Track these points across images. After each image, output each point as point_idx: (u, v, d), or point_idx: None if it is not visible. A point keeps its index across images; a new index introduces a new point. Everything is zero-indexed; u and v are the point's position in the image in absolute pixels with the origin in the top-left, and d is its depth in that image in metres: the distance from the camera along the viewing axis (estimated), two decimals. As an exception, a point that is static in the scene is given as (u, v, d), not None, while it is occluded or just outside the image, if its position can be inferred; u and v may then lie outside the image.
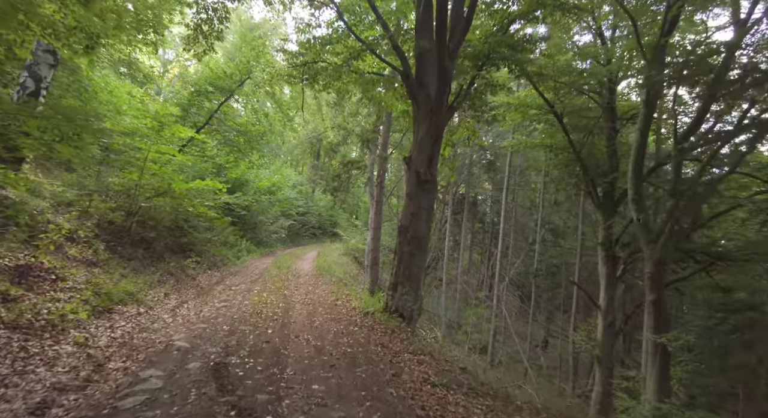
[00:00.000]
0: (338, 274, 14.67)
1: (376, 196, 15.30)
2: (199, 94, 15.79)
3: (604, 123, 15.27)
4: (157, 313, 6.68)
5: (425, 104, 7.96)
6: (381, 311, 7.84)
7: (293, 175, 29.08)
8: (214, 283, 10.10)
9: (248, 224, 19.10)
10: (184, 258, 11.53)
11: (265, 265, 14.50)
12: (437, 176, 8.04)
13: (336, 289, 10.74)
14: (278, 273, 12.62)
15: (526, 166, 23.29)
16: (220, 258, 13.73)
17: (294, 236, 26.03)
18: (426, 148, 7.90)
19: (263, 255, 17.79)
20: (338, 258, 21.57)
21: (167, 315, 6.66)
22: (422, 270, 7.93)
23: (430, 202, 8.05)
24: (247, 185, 19.44)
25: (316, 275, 13.19)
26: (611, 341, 14.10)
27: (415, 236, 7.74)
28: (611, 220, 14.51)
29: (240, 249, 16.25)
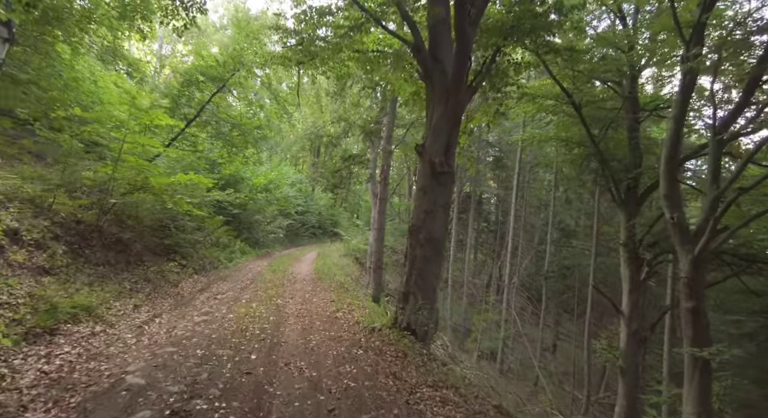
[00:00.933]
0: (339, 277, 13.41)
1: (380, 193, 14.05)
2: (190, 84, 14.52)
3: (625, 114, 13.99)
4: (118, 331, 5.42)
5: (441, 83, 6.70)
6: (389, 326, 6.59)
7: (292, 173, 27.81)
8: (198, 290, 8.84)
9: (243, 223, 17.84)
10: (167, 261, 10.28)
11: (259, 268, 13.24)
12: (455, 167, 6.78)
13: (336, 296, 9.47)
14: (273, 278, 11.36)
15: (535, 162, 22.05)
16: (209, 261, 12.47)
17: (293, 236, 24.75)
18: (442, 135, 6.64)
19: (259, 257, 16.52)
20: (339, 259, 20.30)
21: (130, 334, 5.40)
22: (438, 278, 6.68)
23: (447, 198, 6.79)
24: (243, 183, 18.19)
25: (314, 279, 11.93)
26: (636, 351, 12.82)
27: (429, 237, 6.49)
28: (634, 219, 13.26)
29: (233, 250, 14.99)
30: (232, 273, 11.80)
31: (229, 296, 8.36)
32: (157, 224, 11.09)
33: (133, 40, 33.52)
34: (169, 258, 10.51)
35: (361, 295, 11.64)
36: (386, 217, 36.85)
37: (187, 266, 10.68)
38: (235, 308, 7.31)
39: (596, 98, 14.67)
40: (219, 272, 11.75)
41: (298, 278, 11.81)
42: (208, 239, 14.12)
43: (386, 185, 14.13)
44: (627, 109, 13.60)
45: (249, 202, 18.26)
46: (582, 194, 22.31)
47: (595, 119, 14.77)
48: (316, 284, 10.99)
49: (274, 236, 20.31)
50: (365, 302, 10.17)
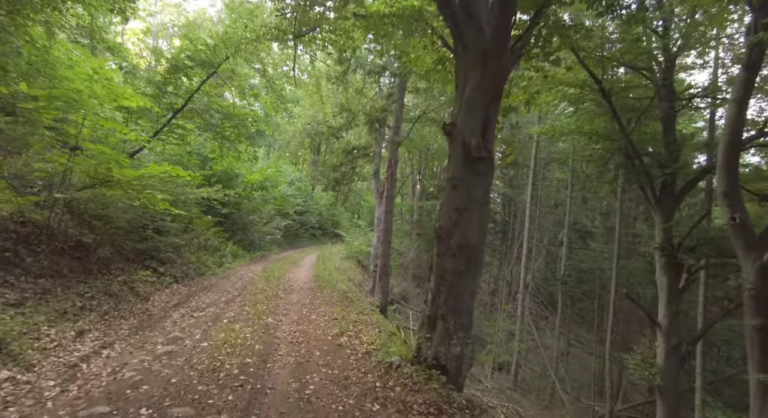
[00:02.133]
0: (341, 284, 11.79)
1: (387, 190, 12.44)
2: (177, 70, 12.87)
3: (658, 103, 12.37)
4: (36, 377, 3.80)
5: (476, 44, 5.09)
6: (410, 359, 4.98)
7: (291, 171, 26.17)
8: (172, 305, 7.20)
9: (237, 224, 16.22)
10: (142, 269, 8.66)
11: (251, 274, 11.62)
12: (494, 152, 5.17)
13: (340, 311, 7.84)
14: (266, 287, 9.73)
15: (549, 159, 20.46)
16: (195, 267, 10.85)
17: (291, 237, 23.11)
18: (477, 110, 5.03)
19: (253, 261, 14.89)
20: (340, 263, 18.67)
21: (53, 381, 3.78)
22: (474, 296, 5.07)
23: (486, 192, 5.18)
24: (237, 180, 16.57)
25: (313, 288, 10.30)
26: (677, 368, 11.20)
27: (463, 244, 4.88)
28: (671, 219, 11.68)
29: (223, 254, 13.36)
30: (219, 281, 10.17)
31: (209, 314, 6.73)
32: (132, 225, 9.48)
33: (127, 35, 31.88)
34: (145, 265, 8.89)
35: (366, 306, 10.02)
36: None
37: (165, 274, 9.05)
38: (213, 332, 5.69)
39: (629, 85, 13.11)
40: (204, 279, 10.13)
41: (295, 287, 10.18)
42: (195, 241, 12.50)
43: (393, 182, 12.53)
44: (660, 98, 12.01)
45: (243, 201, 16.65)
46: (598, 193, 20.71)
47: (624, 110, 13.23)
48: (316, 295, 9.37)
49: (270, 237, 18.69)
50: (373, 317, 8.55)
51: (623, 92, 12.54)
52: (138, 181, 7.32)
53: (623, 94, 12.63)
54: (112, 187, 7.31)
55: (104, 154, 6.98)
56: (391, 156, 12.30)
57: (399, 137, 11.67)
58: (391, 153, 12.16)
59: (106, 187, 7.26)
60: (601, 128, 13.73)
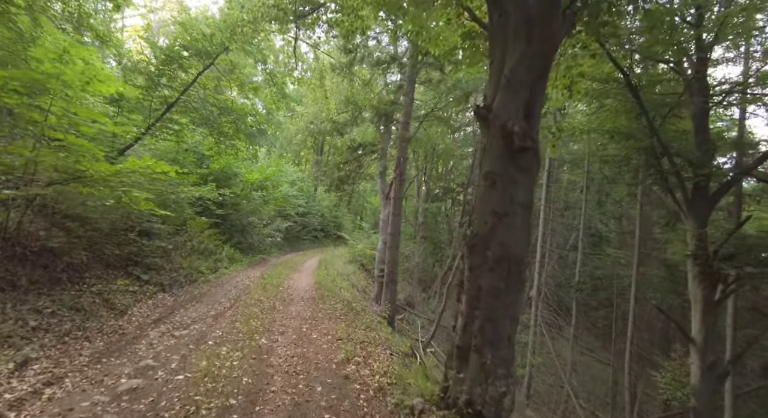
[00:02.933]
0: (345, 293, 10.77)
1: (395, 191, 11.41)
2: (171, 61, 11.88)
3: (689, 99, 11.32)
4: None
5: (519, 9, 4.07)
6: (436, 399, 3.94)
7: (293, 171, 25.16)
8: (152, 321, 6.17)
9: (235, 226, 15.20)
10: (123, 277, 7.64)
11: (248, 281, 10.58)
12: (537, 139, 4.12)
13: (345, 329, 6.79)
14: (262, 296, 8.69)
15: (562, 160, 19.41)
16: (186, 273, 9.82)
17: (293, 239, 22.09)
18: (520, 89, 4.01)
19: (251, 265, 13.86)
20: (343, 267, 17.63)
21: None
22: (517, 323, 4.01)
23: (530, 191, 4.14)
24: (235, 179, 15.57)
25: (315, 297, 9.26)
26: (713, 389, 10.09)
27: (503, 255, 3.84)
28: (706, 225, 10.60)
29: (219, 258, 12.33)
30: (211, 289, 9.13)
31: (193, 333, 5.69)
32: (116, 227, 8.47)
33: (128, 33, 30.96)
34: (127, 272, 7.87)
35: (373, 318, 8.98)
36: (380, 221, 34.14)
37: (150, 282, 8.03)
38: (194, 359, 4.65)
39: (656, 79, 12.09)
40: (195, 287, 9.09)
41: (295, 297, 9.14)
42: (188, 245, 11.49)
43: (402, 182, 11.48)
44: (692, 94, 10.96)
45: (242, 201, 15.64)
46: (615, 196, 19.63)
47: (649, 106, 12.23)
48: (317, 306, 8.32)
49: (271, 240, 17.66)
50: (381, 333, 7.51)
51: (650, 87, 11.54)
52: (116, 177, 6.30)
53: (650, 89, 11.63)
54: (87, 184, 6.29)
55: (76, 146, 5.96)
56: (399, 154, 11.27)
57: (408, 133, 10.63)
58: (400, 151, 11.13)
59: (79, 183, 6.25)
60: (624, 126, 12.71)
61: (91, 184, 6.22)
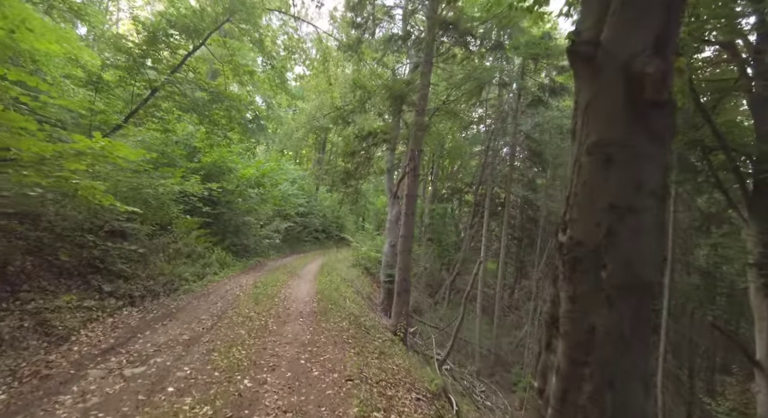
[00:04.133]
0: (351, 305, 9.22)
1: (408, 187, 9.84)
2: (156, 39, 10.34)
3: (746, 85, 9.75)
4: None
5: None
6: None
7: (293, 169, 23.60)
8: (101, 352, 4.59)
9: (228, 226, 13.63)
10: (81, 288, 6.10)
11: (238, 290, 9.01)
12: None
13: (355, 360, 5.21)
14: (253, 311, 7.12)
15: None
16: (166, 281, 8.27)
17: (292, 241, 20.50)
18: (649, 12, 2.42)
19: (245, 270, 12.30)
20: (347, 271, 16.07)
21: None
22: (650, 391, 2.44)
23: (664, 173, 2.55)
24: (230, 175, 14.01)
25: (316, 312, 7.68)
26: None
27: (630, 282, 2.24)
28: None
29: (207, 263, 10.76)
30: (193, 302, 7.56)
31: (151, 371, 4.12)
32: (76, 227, 6.93)
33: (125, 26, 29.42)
34: (86, 282, 6.30)
35: (386, 339, 7.42)
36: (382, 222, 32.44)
37: (115, 295, 6.46)
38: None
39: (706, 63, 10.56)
40: (174, 299, 7.52)
41: (292, 311, 7.56)
42: (171, 247, 9.93)
43: (416, 178, 9.90)
44: (751, 79, 9.39)
45: (236, 199, 14.08)
46: None
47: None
48: (319, 325, 6.75)
49: (268, 241, 16.08)
50: (400, 362, 5.95)
51: (696, 71, 10.03)
52: (56, 161, 4.74)
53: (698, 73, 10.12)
54: (21, 168, 4.74)
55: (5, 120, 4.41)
56: (413, 146, 9.69)
57: (424, 118, 9.08)
58: (414, 141, 9.57)
59: (7, 167, 4.70)
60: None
61: (23, 169, 4.66)
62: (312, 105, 18.31)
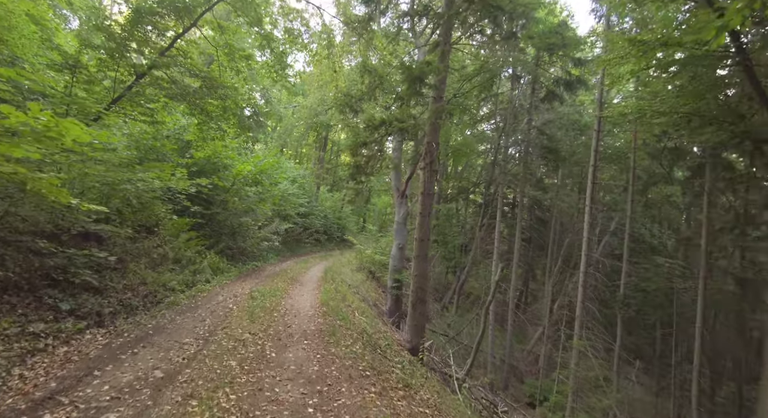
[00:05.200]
0: (361, 319, 7.95)
1: (424, 183, 8.57)
2: (141, 17, 9.06)
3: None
4: None
5: None
6: None
7: (293, 168, 22.30)
8: (28, 406, 3.30)
9: (223, 227, 12.34)
10: (34, 308, 4.82)
11: (231, 302, 7.73)
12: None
13: (378, 401, 3.96)
14: (247, 331, 5.84)
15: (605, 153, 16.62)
16: (146, 293, 7.00)
17: (293, 243, 19.20)
18: None
19: (240, 276, 11.01)
20: (352, 276, 14.82)
21: None
22: None
23: None
24: (225, 172, 12.73)
25: (323, 329, 6.39)
26: None
27: None
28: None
29: (198, 269, 9.47)
30: (176, 318, 6.27)
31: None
32: (37, 230, 5.66)
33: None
34: (37, 299, 5.01)
35: (406, 362, 6.16)
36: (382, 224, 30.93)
37: (78, 313, 5.19)
38: None
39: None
40: (153, 316, 6.23)
41: (295, 330, 6.28)
42: (155, 253, 8.65)
43: (433, 173, 8.64)
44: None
45: (232, 198, 12.80)
46: (670, 196, 16.89)
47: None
48: (328, 349, 5.48)
49: (267, 244, 14.78)
50: (430, 398, 4.69)
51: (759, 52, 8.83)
52: None
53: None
54: None
55: None
56: (429, 137, 8.43)
57: (442, 102, 7.83)
58: (431, 131, 8.31)
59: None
60: (704, 108, 10.02)
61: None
62: (313, 98, 17.00)
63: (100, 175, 6.01)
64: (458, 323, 18.09)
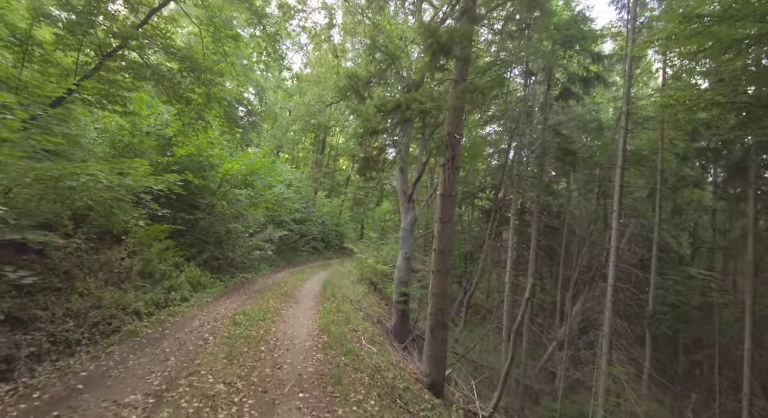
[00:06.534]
0: (370, 350, 6.33)
1: (445, 183, 7.02)
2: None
3: None
4: None
5: None
6: None
7: (290, 171, 20.69)
8: None
9: (208, 235, 10.69)
10: None
11: (208, 329, 6.07)
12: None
13: None
14: (220, 380, 4.19)
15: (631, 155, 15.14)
16: (98, 320, 5.37)
17: (288, 251, 17.53)
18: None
19: (226, 292, 9.36)
20: (353, 288, 13.18)
21: None
22: None
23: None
24: (212, 172, 11.10)
25: (324, 374, 4.75)
26: None
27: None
28: None
29: (174, 285, 7.82)
30: (128, 357, 4.62)
31: None
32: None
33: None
34: None
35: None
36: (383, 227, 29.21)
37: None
38: None
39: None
40: (97, 354, 4.58)
41: (286, 376, 4.62)
42: (120, 265, 7.00)
43: (456, 171, 7.09)
44: None
45: (220, 202, 11.19)
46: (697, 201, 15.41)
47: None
48: (331, 408, 3.85)
49: (259, 253, 13.12)
50: None
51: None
52: None
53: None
54: None
55: None
56: (450, 128, 6.89)
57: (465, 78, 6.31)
58: (453, 118, 6.78)
59: None
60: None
61: None
62: (311, 95, 15.45)
63: (20, 166, 4.40)
64: (467, 338, 16.46)
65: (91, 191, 5.82)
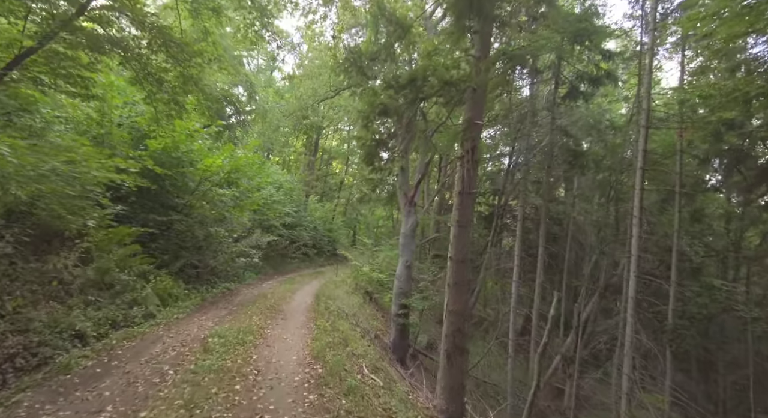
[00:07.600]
0: (375, 383, 5.04)
1: (464, 180, 5.81)
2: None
3: None
4: None
5: None
6: None
7: (280, 172, 19.34)
8: None
9: (185, 240, 9.28)
10: None
11: (170, 359, 4.71)
12: None
13: None
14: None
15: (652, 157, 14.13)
16: (16, 351, 4.00)
17: (276, 258, 16.11)
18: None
19: (203, 305, 7.97)
20: (348, 299, 11.86)
21: None
22: None
23: None
24: (191, 169, 9.75)
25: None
26: None
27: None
28: None
29: (137, 299, 6.44)
30: (42, 409, 3.28)
31: None
32: None
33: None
34: None
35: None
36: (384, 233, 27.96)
37: None
38: None
39: None
40: (4, 400, 3.24)
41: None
42: (70, 275, 5.62)
43: (475, 165, 5.89)
44: None
45: (200, 203, 9.83)
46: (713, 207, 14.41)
47: None
48: None
49: (245, 260, 11.72)
50: None
51: None
52: None
53: None
54: None
55: None
56: (470, 113, 5.71)
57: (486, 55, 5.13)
58: (473, 102, 5.59)
59: None
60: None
61: None
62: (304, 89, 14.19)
63: None
64: (470, 353, 15.21)
65: (20, 182, 4.48)
